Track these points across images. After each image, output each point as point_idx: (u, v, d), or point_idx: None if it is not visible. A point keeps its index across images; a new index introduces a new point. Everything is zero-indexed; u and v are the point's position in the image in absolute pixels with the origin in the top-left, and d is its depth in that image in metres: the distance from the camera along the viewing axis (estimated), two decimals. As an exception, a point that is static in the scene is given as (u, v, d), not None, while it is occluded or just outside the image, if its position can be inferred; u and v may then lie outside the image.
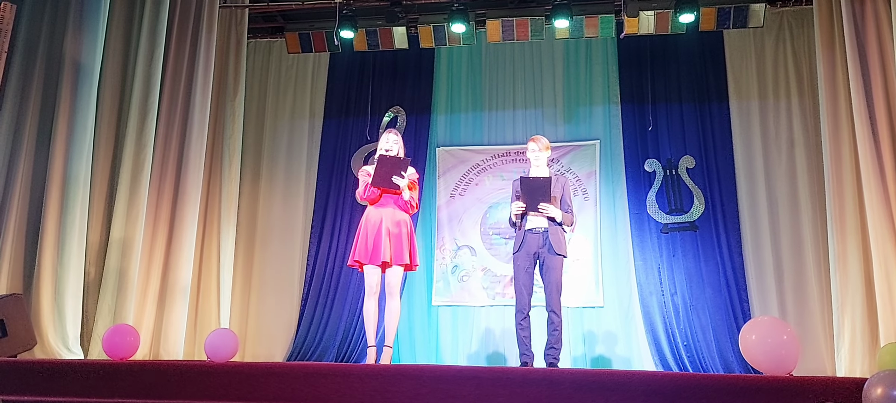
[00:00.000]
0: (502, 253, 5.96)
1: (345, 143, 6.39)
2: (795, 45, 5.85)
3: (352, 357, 5.77)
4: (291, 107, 6.56)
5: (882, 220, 4.31)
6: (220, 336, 4.00)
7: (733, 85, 5.91)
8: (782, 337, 3.08)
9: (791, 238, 5.51)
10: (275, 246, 6.26)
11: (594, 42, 6.17)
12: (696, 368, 5.27)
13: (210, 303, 5.67)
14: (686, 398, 2.76)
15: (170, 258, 5.13)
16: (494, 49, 6.34)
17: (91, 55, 4.85)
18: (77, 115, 4.75)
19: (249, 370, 3.23)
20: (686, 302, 5.48)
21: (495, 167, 6.18)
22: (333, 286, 6.03)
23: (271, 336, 6.03)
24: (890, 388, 2.26)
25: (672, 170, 5.84)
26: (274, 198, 6.37)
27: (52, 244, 4.56)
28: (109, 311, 4.67)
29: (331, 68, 6.56)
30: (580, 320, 5.68)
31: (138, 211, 4.86)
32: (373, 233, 3.91)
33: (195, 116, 5.29)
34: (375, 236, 3.89)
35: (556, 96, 6.22)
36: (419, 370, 3.20)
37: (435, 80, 6.38)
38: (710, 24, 5.70)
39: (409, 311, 5.95)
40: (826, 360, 5.09)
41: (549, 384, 2.92)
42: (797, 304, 5.38)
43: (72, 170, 4.68)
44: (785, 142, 5.70)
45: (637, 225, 5.76)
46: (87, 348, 4.63)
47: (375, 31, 6.06)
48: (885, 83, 4.45)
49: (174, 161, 5.24)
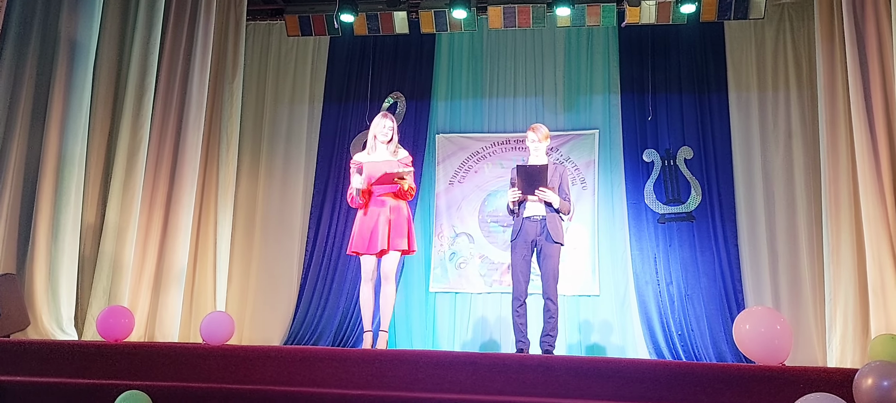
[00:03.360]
0: (500, 241, 5.96)
1: (344, 128, 6.36)
2: (795, 37, 5.84)
3: (349, 341, 5.78)
4: (291, 91, 6.52)
5: (876, 214, 4.32)
6: (216, 318, 4.00)
7: (733, 76, 5.90)
8: (775, 327, 3.09)
9: (786, 229, 5.53)
10: (273, 230, 6.24)
11: (595, 31, 6.14)
12: (689, 357, 5.30)
13: (206, 286, 5.66)
14: (679, 386, 2.78)
15: (166, 240, 5.11)
16: (495, 36, 6.31)
17: (87, 33, 4.79)
18: (72, 95, 4.69)
19: (245, 353, 3.23)
20: (681, 291, 5.50)
21: (495, 155, 6.17)
22: (332, 270, 6.03)
23: (268, 320, 6.03)
24: (880, 379, 2.28)
25: (670, 160, 5.84)
26: (273, 182, 6.35)
27: (47, 224, 4.53)
28: (104, 293, 4.65)
29: (331, 52, 6.52)
30: (576, 308, 5.70)
31: (134, 193, 4.83)
32: (371, 223, 3.90)
33: (193, 97, 5.25)
34: (373, 225, 3.88)
35: (557, 84, 6.20)
36: (416, 355, 3.21)
37: (435, 66, 6.35)
38: (712, 15, 5.68)
39: (406, 297, 5.96)
40: (817, 350, 5.13)
41: (544, 370, 2.94)
42: (791, 295, 5.40)
43: (67, 150, 4.64)
44: (783, 134, 5.70)
45: (634, 214, 5.76)
46: (82, 329, 4.62)
47: (376, 15, 6.01)
48: (884, 78, 4.45)
49: (171, 142, 5.20)
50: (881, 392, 2.24)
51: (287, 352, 3.27)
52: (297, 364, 3.07)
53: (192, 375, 3.08)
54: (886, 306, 4.12)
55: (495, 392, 2.86)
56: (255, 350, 3.31)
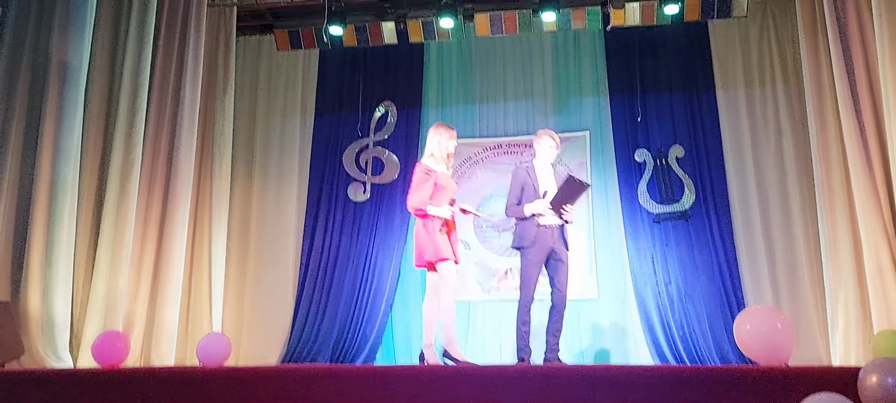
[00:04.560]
0: (496, 247, 5.94)
1: (337, 139, 6.34)
2: (779, 33, 5.88)
3: (347, 357, 5.74)
4: (282, 104, 6.50)
5: (870, 206, 4.33)
6: (212, 340, 3.97)
7: (719, 74, 5.93)
8: (776, 326, 3.08)
9: (782, 225, 5.54)
10: (267, 246, 6.20)
11: (582, 34, 6.16)
12: (691, 358, 5.29)
13: (202, 306, 5.61)
14: (683, 391, 2.77)
15: (160, 260, 5.06)
16: (484, 42, 6.31)
17: (78, 55, 4.76)
18: (64, 116, 4.65)
19: (243, 374, 3.19)
20: (680, 291, 5.50)
21: (487, 159, 6.16)
22: (327, 285, 5.99)
23: (265, 338, 5.98)
24: (885, 375, 2.28)
25: (662, 159, 5.85)
26: (266, 197, 6.31)
27: (40, 249, 4.47)
28: (99, 317, 4.60)
29: (321, 64, 6.51)
30: (576, 312, 5.68)
31: (128, 213, 4.78)
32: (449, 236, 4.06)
33: (184, 115, 5.22)
34: (452, 239, 4.08)
35: (546, 88, 6.21)
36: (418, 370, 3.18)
37: (425, 74, 6.35)
38: (695, 15, 5.72)
39: (403, 308, 5.93)
40: (820, 346, 5.13)
41: (546, 379, 2.92)
42: (790, 291, 5.40)
43: (59, 172, 4.59)
44: (773, 131, 5.73)
45: (629, 215, 5.76)
46: (77, 355, 4.56)
47: (364, 26, 6.02)
48: (868, 69, 4.46)
49: (164, 161, 5.16)
50: (886, 390, 2.23)
51: (285, 372, 3.24)
52: (296, 383, 3.04)
53: (190, 399, 3.04)
54: (886, 297, 4.13)
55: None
56: (253, 371, 3.27)
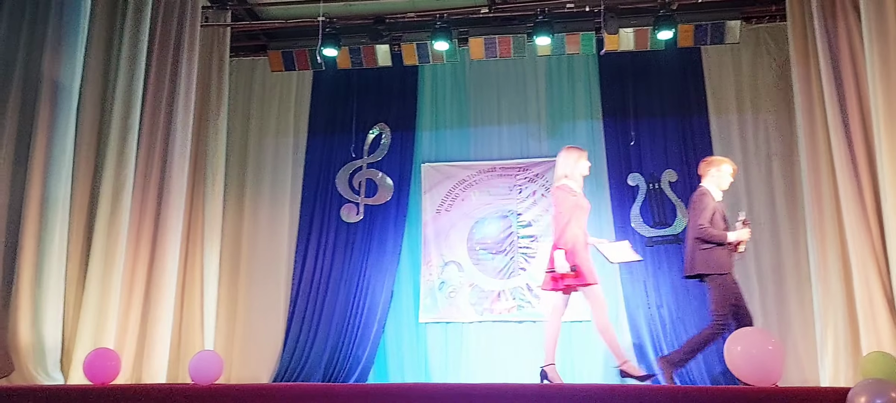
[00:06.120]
0: (489, 269, 5.96)
1: (330, 161, 6.37)
2: (772, 60, 5.98)
3: (339, 377, 5.71)
4: (275, 125, 6.53)
5: (860, 231, 4.38)
6: (204, 358, 3.94)
7: (712, 100, 6.02)
8: (767, 348, 3.10)
9: (771, 249, 5.59)
10: (260, 265, 6.20)
11: (576, 58, 6.24)
12: (683, 380, 5.30)
13: (194, 324, 5.58)
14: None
15: (152, 279, 5.04)
16: (478, 65, 6.39)
17: (70, 74, 4.76)
18: (56, 136, 4.64)
19: (236, 392, 3.17)
20: (672, 314, 5.52)
21: (481, 182, 6.20)
22: (319, 304, 5.98)
23: (257, 357, 5.95)
24: (873, 397, 2.30)
25: (655, 183, 5.90)
26: (259, 217, 6.32)
27: (31, 267, 4.45)
28: (90, 335, 4.57)
29: (314, 86, 6.56)
30: (568, 334, 5.69)
31: (119, 232, 4.77)
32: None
33: (177, 135, 5.23)
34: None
35: (540, 112, 6.27)
36: (408, 388, 3.18)
37: (419, 97, 6.40)
38: (689, 41, 5.82)
39: (396, 329, 5.92)
40: (808, 370, 5.15)
41: (539, 399, 2.92)
42: (779, 315, 5.45)
43: (51, 191, 4.58)
44: (764, 156, 5.81)
45: (622, 238, 5.76)
46: (68, 373, 4.52)
47: (358, 48, 6.07)
48: (859, 97, 4.53)
49: (156, 181, 5.16)
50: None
51: (278, 390, 3.22)
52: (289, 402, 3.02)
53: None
54: (876, 322, 4.15)
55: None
56: (246, 389, 3.26)
